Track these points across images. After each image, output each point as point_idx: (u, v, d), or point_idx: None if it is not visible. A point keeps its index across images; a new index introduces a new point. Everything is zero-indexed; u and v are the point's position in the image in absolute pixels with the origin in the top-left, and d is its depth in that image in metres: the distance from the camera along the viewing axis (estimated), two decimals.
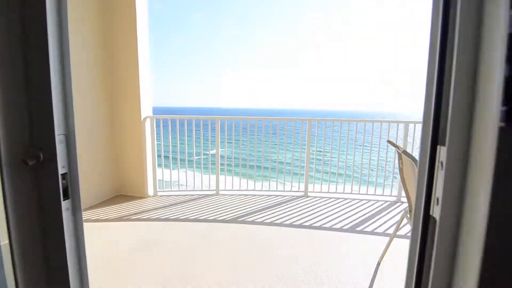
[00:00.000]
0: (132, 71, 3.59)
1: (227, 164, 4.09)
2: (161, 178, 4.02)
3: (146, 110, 3.74)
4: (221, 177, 4.00)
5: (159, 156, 3.94)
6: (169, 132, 3.84)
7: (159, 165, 3.95)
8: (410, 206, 2.12)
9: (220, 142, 3.91)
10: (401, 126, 3.79)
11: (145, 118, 3.72)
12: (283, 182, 4.17)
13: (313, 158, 3.94)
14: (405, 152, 1.57)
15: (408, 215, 2.17)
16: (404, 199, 3.83)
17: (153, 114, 3.86)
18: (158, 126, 3.85)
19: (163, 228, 2.88)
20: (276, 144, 4.04)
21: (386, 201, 3.80)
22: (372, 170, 3.97)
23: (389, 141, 2.13)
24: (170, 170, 3.91)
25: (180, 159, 4.04)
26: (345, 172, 3.98)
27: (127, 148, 3.79)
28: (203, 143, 4.06)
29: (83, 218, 0.94)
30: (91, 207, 3.45)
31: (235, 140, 4.01)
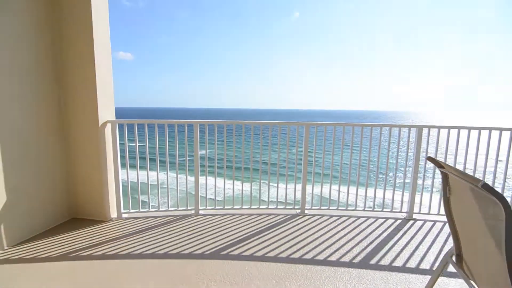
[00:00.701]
0: (87, 68, 2.85)
1: (209, 167, 3.40)
2: (133, 195, 3.30)
3: (105, 114, 3.01)
4: (202, 194, 3.33)
5: (125, 165, 3.21)
6: (136, 139, 3.12)
7: (134, 168, 3.23)
8: (458, 249, 1.54)
9: (201, 150, 3.24)
10: (413, 130, 3.24)
11: (104, 124, 2.99)
12: (275, 186, 3.53)
13: (311, 164, 3.31)
14: (486, 186, 0.96)
15: (454, 259, 1.59)
16: (418, 216, 3.28)
17: (123, 118, 3.14)
18: (131, 131, 3.13)
19: (119, 271, 2.17)
20: (266, 146, 3.41)
21: (396, 219, 3.24)
22: (379, 183, 3.40)
23: (429, 158, 1.53)
24: (138, 186, 3.19)
25: (151, 172, 3.34)
26: (349, 185, 3.39)
27: (83, 160, 3.04)
28: (179, 150, 3.36)
29: (17, 256, 0.26)
30: (32, 238, 2.69)
31: (220, 143, 3.34)
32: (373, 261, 2.34)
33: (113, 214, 3.16)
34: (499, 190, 3.14)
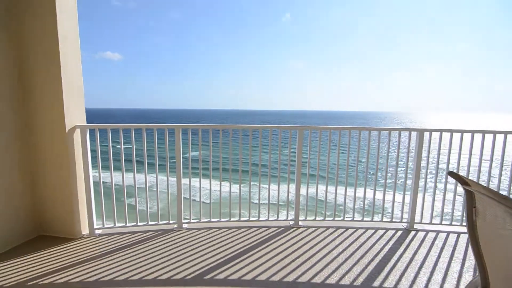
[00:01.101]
0: (51, 68, 2.51)
1: (195, 173, 3.10)
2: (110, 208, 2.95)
3: (74, 118, 2.66)
4: (185, 196, 3.02)
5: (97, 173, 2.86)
6: (109, 146, 2.78)
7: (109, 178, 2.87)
8: (484, 281, 1.28)
9: (186, 154, 2.94)
10: (414, 134, 3.02)
11: (73, 129, 2.64)
12: (267, 190, 3.25)
13: (305, 167, 3.05)
14: None
15: None
16: (419, 226, 3.06)
17: (99, 123, 2.80)
18: (102, 136, 2.79)
19: None
20: (257, 150, 3.13)
21: (397, 230, 3.01)
22: (378, 190, 3.16)
23: (451, 174, 1.28)
24: (113, 198, 2.84)
25: (129, 180, 3.01)
26: (346, 193, 3.13)
27: (49, 170, 2.69)
28: (160, 158, 3.03)
29: None
30: None
31: (206, 149, 3.03)
32: (376, 283, 2.08)
33: (85, 231, 2.81)
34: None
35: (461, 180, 1.24)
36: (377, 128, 3.02)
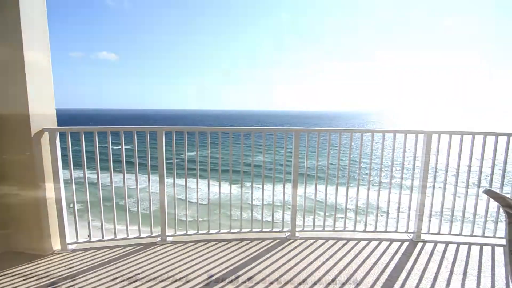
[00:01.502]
0: (15, 66, 2.20)
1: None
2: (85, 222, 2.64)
3: (41, 120, 2.35)
4: (177, 193, 2.74)
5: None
6: (83, 152, 2.47)
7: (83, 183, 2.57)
8: None
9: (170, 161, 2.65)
10: (421, 137, 2.76)
11: (39, 132, 2.33)
12: (261, 198, 2.98)
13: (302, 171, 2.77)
14: None
15: None
16: (426, 237, 2.81)
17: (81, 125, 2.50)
18: (77, 141, 2.49)
19: None
20: (249, 153, 2.85)
21: (403, 241, 2.75)
22: (382, 193, 2.90)
23: (489, 192, 1.02)
24: (88, 208, 2.53)
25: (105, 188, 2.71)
26: (346, 202, 2.87)
27: (13, 177, 2.38)
28: (141, 163, 2.74)
29: None
30: None
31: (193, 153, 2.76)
32: None
33: (56, 246, 2.51)
34: None
35: (502, 200, 0.98)
36: (381, 131, 2.76)
